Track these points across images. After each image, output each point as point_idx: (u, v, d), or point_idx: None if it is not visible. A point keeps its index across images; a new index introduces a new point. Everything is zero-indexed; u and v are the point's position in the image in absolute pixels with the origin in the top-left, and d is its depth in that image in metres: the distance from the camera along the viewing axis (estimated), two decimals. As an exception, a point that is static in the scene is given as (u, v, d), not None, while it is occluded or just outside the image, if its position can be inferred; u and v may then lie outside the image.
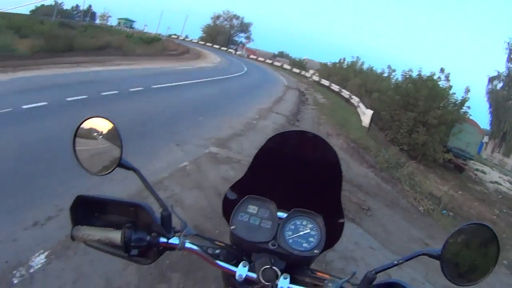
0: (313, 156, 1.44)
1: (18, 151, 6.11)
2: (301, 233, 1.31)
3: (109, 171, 1.27)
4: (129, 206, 1.26)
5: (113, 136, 1.27)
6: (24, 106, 8.47)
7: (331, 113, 20.59)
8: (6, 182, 5.09)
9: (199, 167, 7.28)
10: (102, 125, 1.29)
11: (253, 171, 1.48)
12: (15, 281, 3.46)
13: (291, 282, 1.15)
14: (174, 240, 1.21)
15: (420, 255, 1.07)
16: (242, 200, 1.41)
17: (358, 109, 24.96)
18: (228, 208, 1.43)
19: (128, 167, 1.25)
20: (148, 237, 1.21)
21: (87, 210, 1.30)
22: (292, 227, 1.33)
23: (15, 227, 4.15)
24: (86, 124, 1.29)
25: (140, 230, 1.21)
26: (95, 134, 1.28)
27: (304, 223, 1.34)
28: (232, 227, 1.32)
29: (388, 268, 1.10)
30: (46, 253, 3.82)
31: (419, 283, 5.45)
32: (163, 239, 1.21)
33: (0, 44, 17.95)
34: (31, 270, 3.60)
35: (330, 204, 1.42)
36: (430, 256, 1.06)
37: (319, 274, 1.23)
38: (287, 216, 1.35)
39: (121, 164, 1.25)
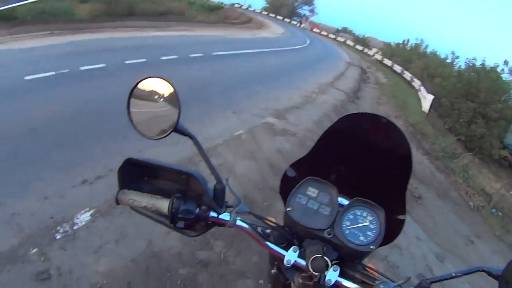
0: (384, 144, 1.32)
1: (73, 111, 6.08)
2: (360, 225, 1.19)
3: (164, 135, 1.16)
4: (181, 174, 1.19)
5: (171, 98, 1.16)
6: (82, 68, 8.41)
7: (391, 94, 19.81)
8: (60, 141, 5.07)
9: (254, 136, 7.10)
10: (159, 86, 1.18)
11: (317, 150, 1.39)
12: (58, 237, 3.45)
13: (340, 275, 1.08)
14: (225, 216, 1.14)
15: (479, 271, 0.99)
16: (303, 181, 1.30)
17: (419, 93, 23.73)
18: (286, 186, 1.35)
19: (185, 133, 1.15)
20: (198, 210, 1.13)
21: (135, 174, 1.23)
22: (351, 217, 1.21)
23: (64, 184, 4.14)
24: (143, 85, 1.19)
25: (190, 201, 1.14)
26: (151, 95, 1.19)
27: (365, 214, 1.22)
28: (288, 209, 1.23)
29: (444, 279, 1.03)
30: (91, 211, 3.79)
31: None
32: (213, 214, 1.14)
33: (61, 9, 17.80)
34: (75, 227, 3.58)
35: (394, 198, 1.30)
36: (489, 274, 0.97)
37: (370, 271, 1.17)
38: (348, 205, 1.24)
39: (177, 129, 1.13)
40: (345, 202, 1.26)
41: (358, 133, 1.34)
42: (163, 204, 1.12)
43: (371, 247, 1.14)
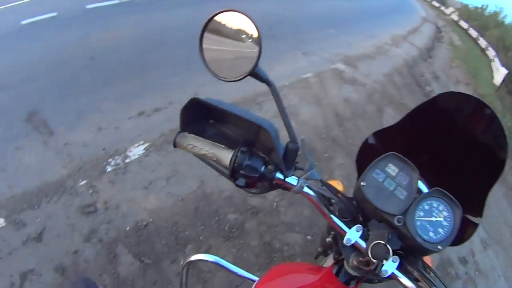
0: (481, 137, 1.18)
1: (135, 40, 5.91)
2: (433, 219, 1.06)
3: (239, 78, 0.98)
4: (251, 124, 1.01)
5: (251, 37, 0.99)
6: None
7: (464, 59, 18.31)
8: (119, 71, 4.91)
9: (322, 81, 6.62)
10: (238, 22, 1.00)
11: (405, 124, 1.27)
12: (108, 169, 3.37)
13: (398, 268, 0.97)
14: (292, 180, 1.02)
15: None
16: (384, 156, 1.15)
17: (492, 64, 22.09)
18: (364, 155, 1.28)
19: (262, 78, 0.99)
20: (263, 168, 1.01)
21: (200, 115, 1.10)
22: (427, 207, 1.07)
23: (120, 115, 4.01)
24: (219, 19, 1.01)
25: (256, 157, 1.01)
26: (228, 32, 1.01)
27: (441, 208, 1.08)
28: (362, 183, 1.09)
29: None
30: (145, 145, 3.64)
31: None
32: (279, 175, 1.02)
33: None
34: (127, 160, 3.45)
35: (474, 197, 1.14)
36: None
37: (430, 272, 1.05)
38: (427, 193, 1.09)
39: (254, 72, 0.97)
40: (423, 189, 1.14)
41: (455, 116, 1.22)
42: (226, 156, 1.01)
43: (439, 247, 1.02)
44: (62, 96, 4.22)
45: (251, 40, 0.99)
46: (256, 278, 1.34)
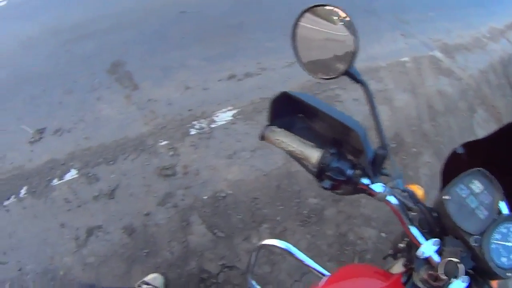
0: None
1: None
2: (509, 244, 0.99)
3: (333, 76, 0.98)
4: (342, 125, 0.94)
5: (346, 36, 0.93)
6: None
7: None
8: (211, 28, 4.74)
9: (419, 68, 6.21)
10: (332, 16, 0.95)
11: (496, 139, 1.18)
12: (192, 132, 3.25)
13: None
14: (377, 187, 0.98)
15: None
16: (471, 171, 1.05)
17: None
18: (450, 165, 1.21)
19: (357, 79, 0.96)
20: (350, 172, 0.99)
21: (289, 108, 1.06)
22: (504, 231, 1.00)
23: (209, 75, 3.85)
24: (311, 13, 0.98)
25: (343, 160, 0.99)
26: (321, 27, 0.98)
27: None
28: (445, 197, 1.02)
29: None
30: (233, 112, 3.47)
31: None
32: (365, 181, 0.98)
33: None
34: (213, 125, 3.31)
35: None
36: None
37: None
38: (507, 215, 1.01)
39: (349, 72, 0.94)
40: (504, 210, 1.04)
41: None
42: (313, 154, 0.98)
43: (508, 274, 0.95)
44: (148, 49, 4.14)
45: (346, 38, 0.95)
46: (324, 271, 1.36)
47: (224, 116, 3.40)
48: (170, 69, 3.89)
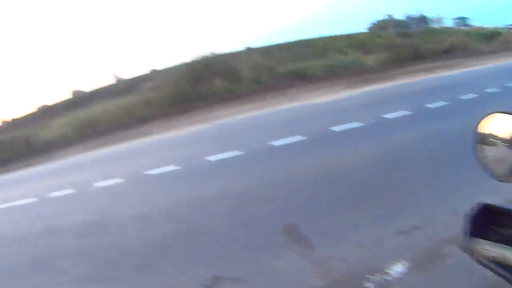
0: None
1: (377, 158, 6.05)
2: None
3: None
4: None
5: None
6: (385, 115, 8.48)
7: None
8: (365, 190, 5.02)
9: None
10: (507, 123, 1.00)
11: None
12: (367, 285, 3.25)
13: None
14: None
15: None
16: None
17: None
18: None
19: None
20: None
21: (484, 220, 1.01)
22: None
23: (378, 232, 3.94)
24: (488, 121, 1.04)
25: None
26: (500, 133, 1.02)
27: None
28: None
29: None
30: (407, 264, 3.42)
31: None
32: None
33: (348, 62, 20.32)
34: (387, 277, 3.29)
35: None
36: None
37: None
38: None
39: None
40: None
41: None
42: None
43: None
44: (315, 213, 4.44)
45: None
46: None
47: (397, 269, 3.39)
48: (339, 229, 4.06)
